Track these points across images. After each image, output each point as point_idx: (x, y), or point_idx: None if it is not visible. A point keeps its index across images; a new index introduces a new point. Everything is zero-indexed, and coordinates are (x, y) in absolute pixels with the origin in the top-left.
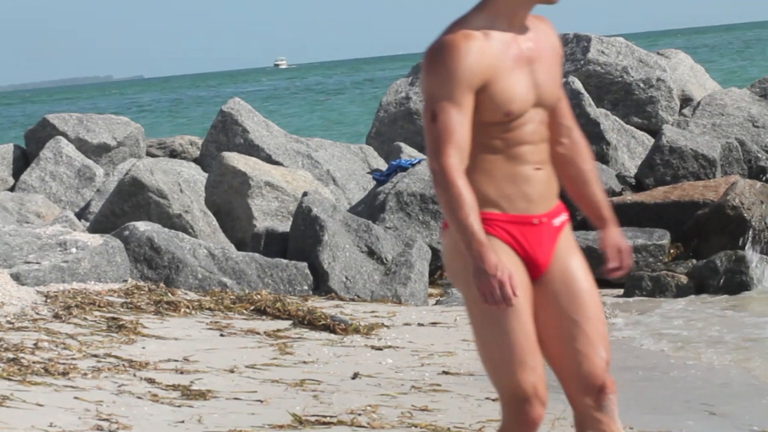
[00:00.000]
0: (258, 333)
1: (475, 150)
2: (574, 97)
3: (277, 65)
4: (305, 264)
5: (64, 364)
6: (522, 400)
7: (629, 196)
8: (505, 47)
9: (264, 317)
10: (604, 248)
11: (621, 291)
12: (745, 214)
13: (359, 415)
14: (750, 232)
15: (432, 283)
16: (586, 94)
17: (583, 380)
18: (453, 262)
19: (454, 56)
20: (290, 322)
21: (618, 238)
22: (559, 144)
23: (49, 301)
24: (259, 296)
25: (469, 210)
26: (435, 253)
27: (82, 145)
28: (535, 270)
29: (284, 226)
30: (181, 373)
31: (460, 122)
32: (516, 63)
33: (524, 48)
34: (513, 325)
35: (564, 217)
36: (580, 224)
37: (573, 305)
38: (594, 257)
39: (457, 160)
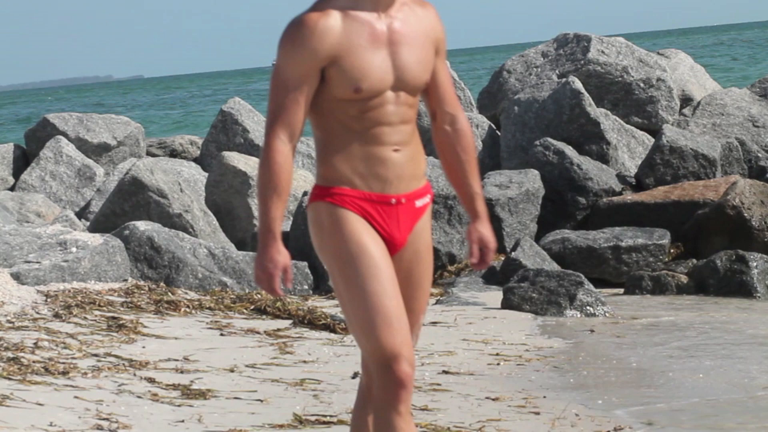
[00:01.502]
0: (258, 332)
1: (332, 128)
2: (574, 97)
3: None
4: (305, 263)
5: (64, 363)
6: (389, 359)
7: (629, 196)
8: (362, 26)
9: (264, 317)
10: (469, 241)
11: (621, 290)
12: (745, 214)
13: None
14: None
15: (432, 283)
16: (586, 94)
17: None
18: (313, 235)
19: (298, 34)
20: (290, 321)
21: (484, 233)
22: (440, 130)
23: (49, 300)
24: (259, 296)
25: (273, 195)
26: (435, 252)
27: (82, 144)
28: (392, 248)
29: (284, 225)
30: (181, 372)
31: (294, 100)
32: (372, 42)
33: (387, 29)
34: (374, 287)
35: (427, 199)
36: (580, 224)
37: (407, 295)
38: (593, 257)
39: (283, 140)
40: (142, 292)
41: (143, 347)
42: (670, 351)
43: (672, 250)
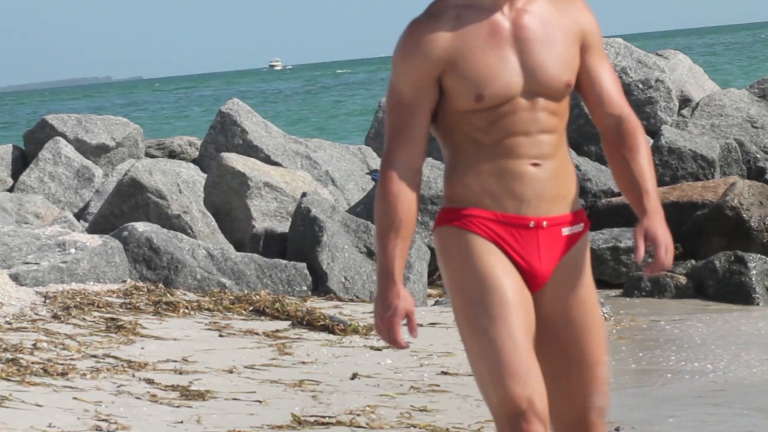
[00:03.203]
0: (257, 333)
1: (459, 143)
2: (573, 98)
3: (272, 66)
4: (304, 264)
5: (63, 364)
6: (515, 415)
7: None
8: (480, 24)
9: (263, 318)
10: (636, 240)
11: (620, 291)
12: (744, 215)
13: (358, 415)
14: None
15: (431, 283)
16: None
17: (570, 427)
18: (439, 263)
19: (406, 42)
20: (289, 322)
21: (655, 229)
22: (603, 135)
23: (48, 301)
24: (258, 297)
25: (390, 231)
26: (434, 253)
27: (80, 145)
28: (533, 280)
29: (283, 226)
30: (180, 373)
31: (412, 117)
32: (492, 41)
33: (512, 25)
34: (501, 330)
35: (579, 227)
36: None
37: (570, 343)
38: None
39: (403, 165)
40: (141, 293)
41: (142, 348)
42: (669, 352)
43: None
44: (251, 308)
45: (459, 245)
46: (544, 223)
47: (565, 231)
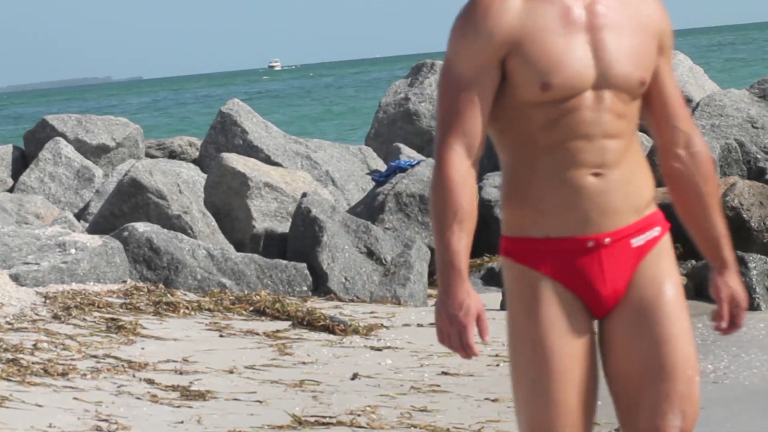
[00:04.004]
0: (257, 334)
1: (514, 144)
2: None
3: (271, 67)
4: (304, 265)
5: (63, 364)
6: None
7: None
8: (552, 5)
9: (263, 318)
10: (716, 297)
11: None
12: (744, 215)
13: (358, 415)
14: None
15: (431, 283)
16: None
17: None
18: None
19: (469, 17)
20: (289, 322)
21: (735, 289)
22: (670, 155)
23: (48, 301)
24: (258, 297)
25: (453, 223)
26: (434, 253)
27: (81, 146)
28: (598, 306)
29: (283, 227)
30: (181, 373)
31: (470, 102)
32: (565, 25)
33: (586, 11)
34: (547, 406)
35: (653, 233)
36: None
37: (651, 357)
38: None
39: (460, 153)
40: (141, 293)
41: (142, 348)
42: None
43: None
44: (251, 308)
45: (514, 283)
46: (606, 240)
47: (636, 242)
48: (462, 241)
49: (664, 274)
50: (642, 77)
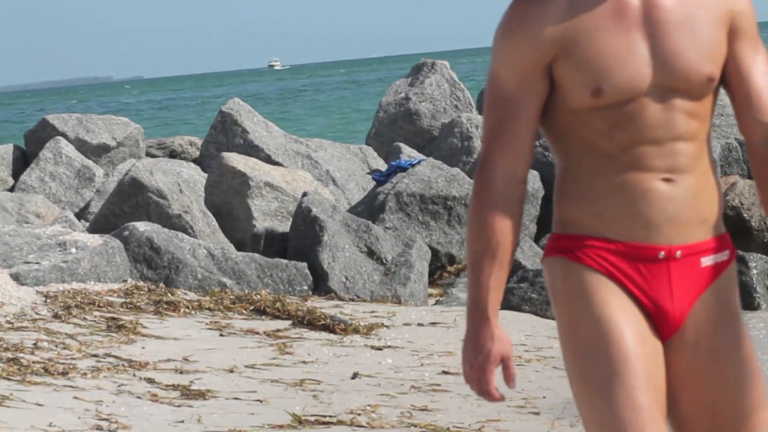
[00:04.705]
0: (257, 333)
1: (573, 151)
2: None
3: (271, 66)
4: (305, 264)
5: (63, 364)
6: None
7: None
8: (605, 1)
9: (263, 317)
10: None
11: None
12: (745, 215)
13: (359, 415)
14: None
15: (432, 283)
16: None
17: None
18: (551, 299)
19: (511, 21)
20: (290, 322)
21: None
22: (752, 147)
23: (48, 301)
24: (258, 296)
25: (485, 255)
26: (434, 253)
27: (81, 145)
28: (664, 324)
29: (284, 226)
30: (181, 373)
31: (516, 114)
32: (618, 22)
33: (641, 3)
34: (618, 395)
35: (722, 256)
36: None
37: (719, 399)
38: None
39: (503, 171)
40: (142, 292)
41: (143, 348)
42: None
43: None
44: (252, 308)
45: (570, 282)
46: (678, 253)
47: (706, 261)
48: (492, 277)
49: (732, 305)
50: (710, 73)
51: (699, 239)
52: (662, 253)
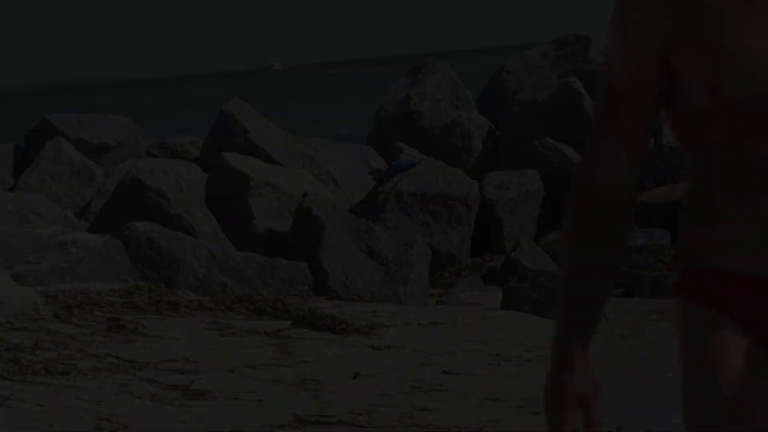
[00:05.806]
0: (258, 333)
1: (697, 162)
2: (574, 98)
3: (271, 65)
4: (305, 264)
5: (64, 364)
6: None
7: None
8: None
9: (264, 317)
10: None
11: (621, 291)
12: None
13: (359, 414)
14: None
15: (432, 283)
16: (586, 95)
17: None
18: (679, 347)
19: (624, 9)
20: (290, 322)
21: None
22: None
23: (49, 301)
24: (259, 296)
25: (581, 272)
26: (435, 253)
27: (82, 145)
28: None
29: (284, 226)
30: (181, 373)
31: (631, 108)
32: (751, 5)
33: None
34: None
35: None
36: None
37: None
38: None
39: (609, 175)
40: (142, 292)
41: (143, 348)
42: (670, 352)
43: (672, 251)
44: (252, 308)
45: (690, 331)
46: None
47: None
48: (589, 297)
49: None
50: None
51: None
52: None
